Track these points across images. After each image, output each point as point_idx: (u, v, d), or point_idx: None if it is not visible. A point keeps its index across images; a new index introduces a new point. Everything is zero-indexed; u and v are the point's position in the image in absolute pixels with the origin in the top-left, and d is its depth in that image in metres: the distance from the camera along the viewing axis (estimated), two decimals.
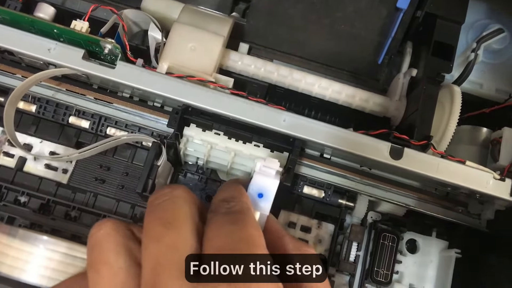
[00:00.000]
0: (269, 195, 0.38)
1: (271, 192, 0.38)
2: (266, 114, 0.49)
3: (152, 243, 0.29)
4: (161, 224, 0.30)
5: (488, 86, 0.60)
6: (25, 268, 0.43)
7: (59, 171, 0.58)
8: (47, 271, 0.43)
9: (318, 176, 0.57)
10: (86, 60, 0.49)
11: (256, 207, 0.37)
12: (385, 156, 0.49)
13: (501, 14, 0.61)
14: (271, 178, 0.39)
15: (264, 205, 0.38)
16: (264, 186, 0.38)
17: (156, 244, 0.29)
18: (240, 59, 0.56)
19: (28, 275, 0.43)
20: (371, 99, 0.57)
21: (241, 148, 0.52)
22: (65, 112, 0.57)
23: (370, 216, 0.59)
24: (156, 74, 0.49)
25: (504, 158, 0.52)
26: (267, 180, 0.39)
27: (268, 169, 0.41)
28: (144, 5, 0.56)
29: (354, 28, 0.58)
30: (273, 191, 0.38)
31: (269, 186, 0.38)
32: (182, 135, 0.51)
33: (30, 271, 0.43)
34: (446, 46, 0.54)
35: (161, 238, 0.29)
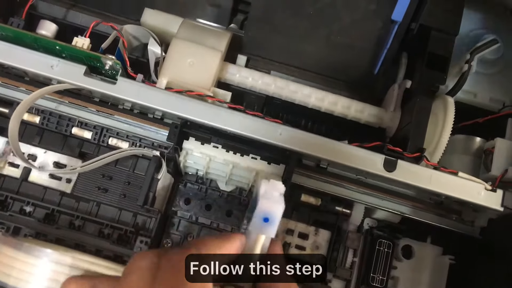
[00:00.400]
0: (274, 219, 0.38)
1: (277, 217, 0.38)
2: (263, 128, 0.50)
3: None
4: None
5: (482, 95, 0.61)
6: (30, 280, 0.45)
7: (63, 181, 0.59)
8: (52, 283, 0.45)
9: (315, 185, 0.58)
10: (88, 76, 0.50)
11: (261, 231, 0.38)
12: (379, 168, 0.50)
13: (495, 23, 0.62)
14: (277, 203, 0.39)
15: (269, 229, 0.38)
16: (270, 211, 0.39)
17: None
18: (238, 72, 0.58)
19: (33, 287, 0.45)
20: (366, 110, 0.58)
21: (238, 161, 0.53)
22: (68, 123, 0.59)
23: (366, 223, 0.61)
24: (156, 89, 0.50)
25: (496, 168, 0.53)
26: (273, 205, 0.39)
27: (273, 192, 0.41)
28: (144, 19, 0.57)
29: (350, 39, 0.59)
30: (279, 215, 0.39)
31: (275, 210, 0.39)
32: (182, 148, 0.53)
33: (35, 283, 0.45)
34: (440, 58, 0.55)
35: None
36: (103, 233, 0.57)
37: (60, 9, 0.62)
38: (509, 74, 0.61)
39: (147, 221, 0.58)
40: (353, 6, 0.56)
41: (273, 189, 0.40)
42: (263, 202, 0.38)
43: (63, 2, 0.63)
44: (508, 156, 0.53)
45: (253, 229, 0.37)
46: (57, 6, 0.62)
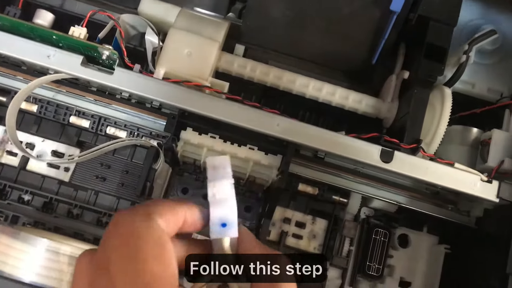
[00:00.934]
0: (232, 221, 0.37)
1: (233, 217, 0.36)
2: (260, 119, 0.50)
3: None
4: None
5: (480, 86, 0.60)
6: (26, 268, 0.45)
7: (61, 169, 0.60)
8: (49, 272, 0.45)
9: (312, 175, 0.58)
10: (85, 66, 0.50)
11: (224, 234, 0.36)
12: (376, 159, 0.51)
13: (494, 14, 0.62)
14: (227, 204, 0.36)
15: (230, 231, 0.37)
16: (223, 215, 0.37)
17: None
18: (235, 62, 0.58)
19: (28, 275, 0.45)
20: (363, 100, 0.58)
21: (236, 151, 0.53)
22: (65, 112, 0.59)
23: (363, 212, 0.61)
24: (153, 79, 0.50)
25: (492, 159, 0.54)
26: (224, 208, 0.37)
27: (220, 193, 0.37)
28: (141, 9, 0.57)
29: (348, 29, 0.59)
30: (235, 215, 0.36)
31: (228, 213, 0.37)
32: (179, 139, 0.53)
33: (32, 272, 0.45)
34: (438, 48, 0.55)
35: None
36: (101, 221, 0.58)
37: None
38: (507, 65, 0.61)
39: None
40: None
41: (218, 188, 0.37)
42: (214, 209, 0.36)
43: None
44: (504, 147, 0.54)
45: (215, 237, 0.36)
46: None
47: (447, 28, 0.55)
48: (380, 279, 0.59)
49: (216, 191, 0.37)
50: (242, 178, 0.58)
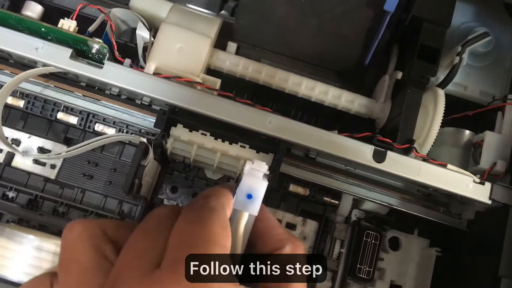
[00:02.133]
0: (258, 196, 0.39)
1: (260, 193, 0.39)
2: (252, 116, 0.50)
3: (125, 249, 0.31)
4: (140, 233, 0.32)
5: (473, 88, 0.60)
6: (11, 266, 0.44)
7: (47, 166, 0.58)
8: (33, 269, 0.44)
9: (303, 175, 0.57)
10: (74, 59, 0.49)
11: (245, 208, 0.38)
12: (368, 159, 0.50)
13: (487, 17, 0.62)
14: (260, 179, 0.40)
15: (253, 206, 0.38)
16: (253, 187, 0.39)
17: (127, 249, 0.31)
18: (227, 59, 0.57)
19: (13, 272, 0.44)
20: (356, 100, 0.58)
21: (227, 149, 0.52)
22: (53, 108, 0.58)
23: (354, 214, 0.61)
24: (144, 74, 0.49)
25: (485, 161, 0.53)
26: (256, 182, 0.39)
27: (257, 171, 0.41)
28: (133, 3, 0.56)
29: (341, 29, 0.59)
30: (262, 192, 0.39)
31: (258, 187, 0.39)
32: (169, 135, 0.52)
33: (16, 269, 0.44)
34: (431, 49, 0.55)
35: (134, 244, 0.31)
36: None
37: None
38: (500, 68, 0.61)
39: (133, 209, 0.58)
40: None
41: (257, 168, 0.40)
42: (247, 178, 0.38)
43: None
44: (497, 149, 0.53)
45: (236, 205, 0.37)
46: None
47: (441, 29, 0.55)
48: (371, 282, 0.58)
49: (252, 167, 0.39)
50: (232, 176, 0.57)
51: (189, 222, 0.31)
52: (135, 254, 0.30)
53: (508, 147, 0.53)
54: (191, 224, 0.31)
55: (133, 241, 0.31)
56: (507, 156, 0.53)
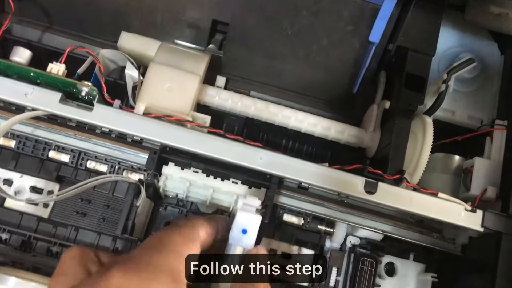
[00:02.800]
0: (252, 230, 0.40)
1: (254, 228, 0.40)
2: (243, 153, 0.50)
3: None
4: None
5: (461, 113, 0.61)
6: None
7: (40, 206, 0.58)
8: None
9: (297, 205, 0.58)
10: (64, 102, 0.49)
11: (240, 242, 0.39)
12: (360, 191, 0.50)
13: (471, 42, 0.63)
14: (253, 214, 0.41)
15: (247, 240, 0.40)
16: (247, 223, 0.40)
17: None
18: (217, 94, 0.57)
19: None
20: (346, 130, 0.58)
21: (219, 185, 0.53)
22: (44, 147, 0.57)
23: (349, 241, 0.60)
24: (133, 115, 0.50)
25: (475, 188, 0.54)
26: (250, 217, 0.40)
27: (250, 207, 0.42)
28: (121, 43, 0.56)
29: (329, 59, 0.59)
30: (256, 227, 0.41)
31: (252, 222, 0.40)
32: (161, 174, 0.52)
33: None
34: (417, 78, 0.55)
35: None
36: None
37: (35, 31, 0.61)
38: (487, 92, 0.62)
39: (127, 245, 0.58)
40: (331, 27, 0.56)
41: (250, 203, 0.42)
42: (241, 214, 0.40)
43: (38, 24, 0.62)
44: (486, 175, 0.54)
45: (232, 241, 0.39)
46: (32, 28, 0.61)
47: (426, 58, 0.56)
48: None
49: (245, 202, 0.43)
50: (225, 210, 0.57)
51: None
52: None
53: (497, 173, 0.54)
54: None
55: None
56: (497, 182, 0.54)
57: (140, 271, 0.35)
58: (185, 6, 0.59)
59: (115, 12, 0.60)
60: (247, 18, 0.58)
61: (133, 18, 0.60)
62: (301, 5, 0.56)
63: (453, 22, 0.63)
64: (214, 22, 0.60)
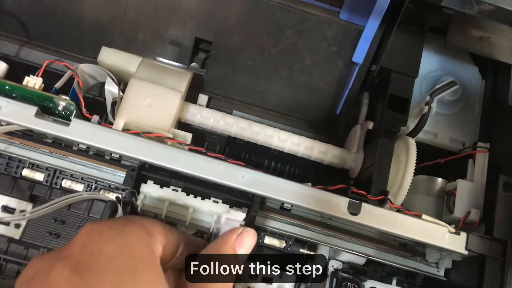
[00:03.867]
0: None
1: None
2: (225, 171, 0.49)
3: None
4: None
5: (443, 136, 0.61)
6: None
7: (11, 226, 0.56)
8: None
9: (278, 227, 0.56)
10: (39, 117, 0.47)
11: None
12: (344, 212, 0.49)
13: (453, 66, 0.63)
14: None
15: None
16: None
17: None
18: (199, 112, 0.56)
19: None
20: (329, 151, 0.57)
21: (199, 204, 0.51)
22: (18, 165, 0.56)
23: (331, 265, 0.59)
24: (112, 131, 0.48)
25: (459, 210, 0.53)
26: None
27: (233, 221, 0.43)
28: (101, 58, 0.55)
29: (312, 79, 0.59)
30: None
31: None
32: (139, 192, 0.51)
33: None
34: (400, 99, 0.55)
35: None
36: None
37: (13, 46, 0.60)
38: (468, 115, 0.62)
39: None
40: (314, 47, 0.56)
41: (233, 217, 0.43)
42: (224, 228, 0.41)
43: (16, 39, 0.61)
44: (470, 197, 0.54)
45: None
46: (10, 43, 0.60)
47: (408, 79, 0.56)
48: None
49: (230, 216, 0.44)
50: (206, 232, 0.56)
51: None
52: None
53: (480, 195, 0.54)
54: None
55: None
56: (480, 204, 0.53)
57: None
58: (168, 24, 0.59)
59: (96, 28, 0.59)
60: (231, 37, 0.58)
61: (114, 34, 0.59)
62: (285, 25, 0.56)
63: (435, 46, 0.63)
64: (197, 40, 0.60)
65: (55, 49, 0.61)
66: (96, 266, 0.32)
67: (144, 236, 0.36)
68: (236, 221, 0.42)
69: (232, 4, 0.55)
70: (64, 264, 0.33)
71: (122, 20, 0.58)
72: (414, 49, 0.57)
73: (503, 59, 0.60)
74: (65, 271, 0.32)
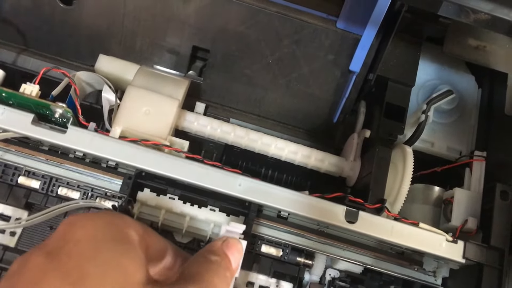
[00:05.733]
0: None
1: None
2: (222, 179, 0.49)
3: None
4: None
5: (440, 144, 0.61)
6: None
7: (6, 234, 0.55)
8: None
9: (275, 236, 0.56)
10: (36, 124, 0.47)
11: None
12: (341, 220, 0.49)
13: (450, 75, 0.64)
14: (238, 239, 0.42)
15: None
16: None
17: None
18: (196, 120, 0.56)
19: None
20: (326, 159, 0.57)
21: (196, 213, 0.51)
22: (14, 172, 0.55)
23: (328, 274, 0.59)
24: (109, 138, 0.48)
25: (456, 218, 0.53)
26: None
27: (233, 233, 0.42)
28: (98, 66, 0.55)
29: (309, 88, 0.59)
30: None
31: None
32: (136, 200, 0.50)
33: None
34: (397, 108, 0.56)
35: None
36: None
37: (10, 53, 0.60)
38: (465, 124, 0.62)
39: None
40: (311, 56, 0.57)
41: (233, 229, 0.42)
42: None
43: (13, 46, 0.61)
44: (467, 206, 0.54)
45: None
46: (7, 50, 0.60)
47: (405, 88, 0.57)
48: None
49: (230, 228, 0.43)
50: (202, 240, 0.55)
51: None
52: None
53: (478, 203, 0.54)
54: None
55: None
56: (477, 212, 0.53)
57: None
58: (165, 32, 0.59)
59: (94, 36, 0.59)
60: (228, 45, 0.58)
61: (112, 42, 0.60)
62: (282, 34, 0.56)
63: (431, 55, 0.63)
64: (194, 49, 0.60)
65: (52, 56, 0.61)
66: (66, 250, 0.34)
67: (117, 221, 0.38)
68: (236, 233, 0.42)
69: (230, 12, 0.56)
70: (39, 253, 0.34)
71: (119, 28, 0.59)
72: (411, 58, 0.57)
73: (499, 68, 0.60)
74: (39, 258, 0.33)
